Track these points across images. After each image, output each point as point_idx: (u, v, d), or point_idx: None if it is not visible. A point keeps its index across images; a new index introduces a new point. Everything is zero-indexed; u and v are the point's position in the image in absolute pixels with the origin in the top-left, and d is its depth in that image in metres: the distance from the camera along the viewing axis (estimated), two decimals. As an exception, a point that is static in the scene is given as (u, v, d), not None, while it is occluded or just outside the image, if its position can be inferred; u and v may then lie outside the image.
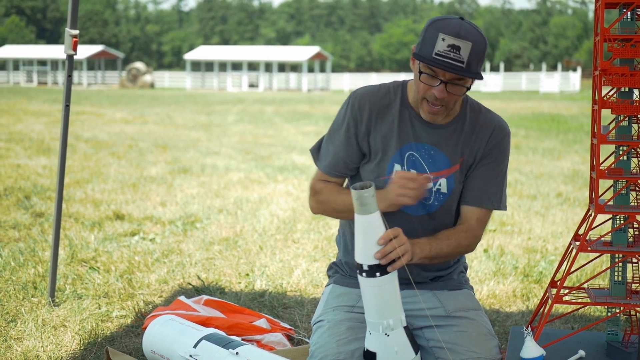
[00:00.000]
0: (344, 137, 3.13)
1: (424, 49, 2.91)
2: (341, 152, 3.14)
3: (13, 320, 4.01)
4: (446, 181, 3.12)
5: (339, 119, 3.15)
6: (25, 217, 6.79)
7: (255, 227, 6.65)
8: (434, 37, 2.88)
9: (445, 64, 2.85)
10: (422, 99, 3.01)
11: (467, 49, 2.85)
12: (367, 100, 3.12)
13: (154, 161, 11.61)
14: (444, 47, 2.85)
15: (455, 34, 2.84)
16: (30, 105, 26.62)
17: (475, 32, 2.88)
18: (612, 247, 3.07)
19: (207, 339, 3.12)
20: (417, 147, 3.11)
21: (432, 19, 2.97)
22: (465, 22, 2.90)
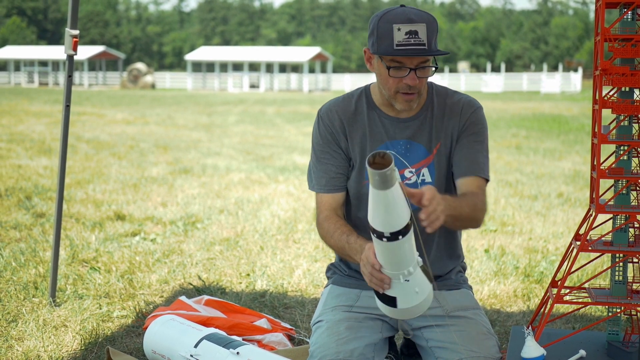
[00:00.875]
0: (328, 152, 3.19)
1: (383, 44, 2.95)
2: (332, 167, 3.20)
3: (14, 320, 4.01)
4: (428, 170, 3.18)
5: (317, 139, 3.22)
6: (26, 217, 6.80)
7: (256, 227, 6.65)
8: (388, 30, 2.92)
9: (410, 51, 2.91)
10: (395, 92, 3.05)
11: (423, 30, 2.91)
12: (334, 112, 3.18)
13: (155, 162, 11.62)
14: (402, 36, 2.90)
15: (408, 20, 2.90)
16: (31, 106, 26.64)
17: (423, 13, 2.94)
18: (613, 247, 3.07)
19: (207, 338, 3.12)
20: (392, 144, 3.16)
21: (375, 15, 3.03)
22: (407, 7, 2.97)
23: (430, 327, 3.22)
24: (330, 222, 3.14)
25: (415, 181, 3.16)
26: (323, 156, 3.20)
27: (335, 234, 3.09)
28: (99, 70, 63.05)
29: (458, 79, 57.30)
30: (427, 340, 3.22)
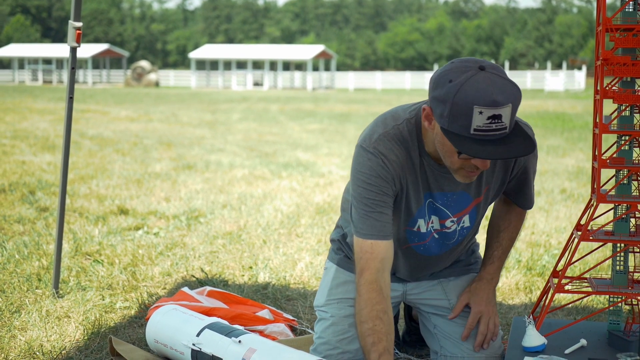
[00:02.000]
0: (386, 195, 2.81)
1: (457, 124, 2.53)
2: (388, 211, 2.84)
3: (17, 311, 4.02)
4: (469, 216, 3.04)
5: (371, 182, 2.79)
6: (30, 211, 6.81)
7: (259, 221, 6.66)
8: (467, 112, 2.49)
9: (488, 137, 2.53)
10: (458, 168, 2.71)
11: (507, 113, 2.50)
12: (396, 155, 2.79)
13: (158, 158, 11.63)
14: (483, 121, 2.48)
15: (492, 103, 2.46)
16: (35, 104, 26.67)
17: (508, 87, 2.51)
18: (614, 237, 3.07)
19: (210, 327, 3.13)
20: (438, 196, 2.93)
21: (450, 81, 2.53)
22: (490, 74, 2.52)
23: (437, 315, 3.24)
24: (369, 300, 2.77)
25: (454, 229, 3.03)
26: (378, 199, 2.80)
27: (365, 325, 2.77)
28: (103, 68, 63.11)
29: (462, 77, 57.20)
30: (435, 326, 3.24)
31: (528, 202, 3.15)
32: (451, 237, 3.06)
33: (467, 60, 2.57)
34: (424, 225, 2.98)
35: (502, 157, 2.54)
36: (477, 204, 3.00)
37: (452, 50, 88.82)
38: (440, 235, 3.04)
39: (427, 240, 3.04)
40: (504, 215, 3.21)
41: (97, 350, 3.51)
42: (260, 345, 2.95)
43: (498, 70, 2.54)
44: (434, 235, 3.03)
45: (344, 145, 14.16)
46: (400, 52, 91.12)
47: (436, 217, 2.98)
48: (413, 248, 3.07)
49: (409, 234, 3.01)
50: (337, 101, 33.99)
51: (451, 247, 3.11)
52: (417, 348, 3.62)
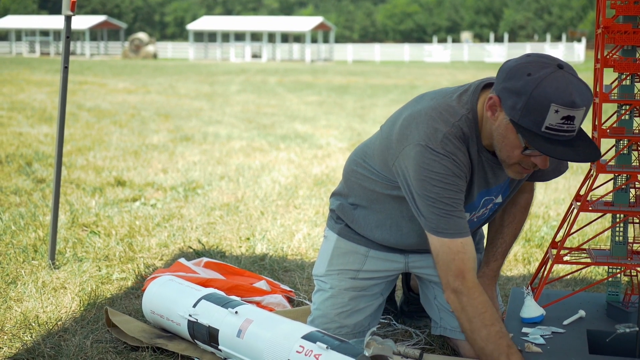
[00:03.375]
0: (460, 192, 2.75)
1: (529, 119, 2.51)
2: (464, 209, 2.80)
3: (13, 282, 4.01)
4: (501, 194, 3.01)
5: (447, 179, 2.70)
6: (27, 182, 6.78)
7: (257, 193, 6.64)
8: (544, 108, 2.46)
9: (557, 137, 2.51)
10: (513, 163, 2.70)
11: (580, 116, 2.50)
12: (462, 155, 2.73)
13: (156, 129, 11.59)
14: (557, 120, 2.47)
15: (571, 103, 2.44)
16: (32, 75, 26.57)
17: (585, 90, 2.49)
18: (614, 207, 3.05)
19: (206, 298, 3.11)
20: (495, 190, 2.93)
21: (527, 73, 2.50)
22: (568, 73, 2.49)
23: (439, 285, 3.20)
24: (485, 301, 2.70)
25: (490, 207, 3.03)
26: (459, 196, 2.74)
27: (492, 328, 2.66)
28: (101, 40, 62.82)
29: (461, 49, 57.08)
30: (435, 296, 3.23)
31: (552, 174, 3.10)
32: (484, 215, 3.06)
33: (544, 56, 2.53)
34: (468, 216, 2.95)
35: (571, 159, 2.53)
36: (511, 181, 2.98)
37: (451, 22, 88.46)
38: (479, 218, 3.04)
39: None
40: (509, 208, 3.16)
41: (93, 322, 3.49)
42: (257, 316, 2.93)
43: (574, 72, 2.51)
44: (473, 219, 3.01)
45: (342, 117, 14.12)
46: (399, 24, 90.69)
47: (484, 208, 2.99)
48: None
49: None
50: (336, 73, 33.88)
51: (481, 221, 3.11)
52: (414, 319, 3.61)
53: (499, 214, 3.18)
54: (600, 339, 2.93)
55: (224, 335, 2.93)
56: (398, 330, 3.50)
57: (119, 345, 3.23)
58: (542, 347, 2.77)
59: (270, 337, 2.79)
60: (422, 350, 3.21)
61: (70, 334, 3.33)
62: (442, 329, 3.19)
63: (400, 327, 3.52)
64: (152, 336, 3.25)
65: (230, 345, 2.91)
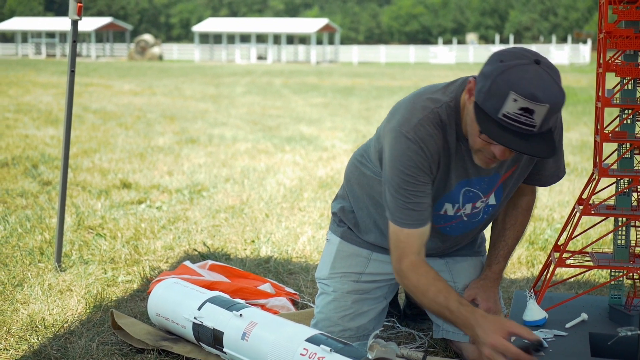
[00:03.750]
0: (424, 184, 2.77)
1: (489, 104, 2.49)
2: (426, 199, 2.80)
3: (20, 284, 4.04)
4: (494, 194, 3.00)
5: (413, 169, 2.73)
6: (33, 185, 6.82)
7: (262, 195, 6.66)
8: (503, 94, 2.45)
9: (513, 128, 2.48)
10: (477, 150, 2.71)
11: (542, 112, 2.44)
12: (434, 142, 2.74)
13: (161, 131, 11.62)
14: (514, 109, 2.44)
15: (531, 95, 2.41)
16: (38, 77, 26.63)
17: (553, 88, 2.45)
18: (616, 211, 3.07)
19: (211, 301, 3.14)
20: (476, 181, 2.90)
21: (500, 60, 2.52)
22: (541, 69, 2.46)
23: None
24: (420, 275, 2.76)
25: (481, 208, 3.01)
26: (417, 188, 2.76)
27: (429, 293, 2.74)
28: (106, 42, 62.93)
29: (466, 50, 57.04)
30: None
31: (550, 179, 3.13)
32: (477, 216, 3.05)
33: (528, 51, 2.54)
34: (451, 210, 2.96)
35: (517, 149, 2.49)
36: (504, 182, 2.97)
37: (456, 24, 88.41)
38: (469, 217, 3.04)
39: (454, 222, 3.03)
40: (511, 211, 3.17)
41: (99, 324, 3.52)
42: (261, 318, 2.95)
43: (552, 70, 2.49)
44: (463, 218, 3.02)
45: (348, 119, 14.14)
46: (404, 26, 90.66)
47: (470, 204, 2.96)
48: (439, 229, 3.05)
49: (435, 217, 2.97)
50: (341, 75, 33.89)
51: (477, 225, 3.11)
52: (418, 322, 3.62)
53: (501, 216, 3.19)
54: (602, 342, 2.94)
55: (229, 337, 2.96)
56: (401, 333, 3.52)
57: (125, 348, 3.26)
58: (544, 350, 2.78)
59: (274, 340, 2.81)
60: (425, 353, 3.22)
61: (77, 336, 3.36)
62: (444, 331, 3.20)
63: (403, 329, 3.54)
64: (157, 339, 3.27)
65: (235, 348, 2.93)
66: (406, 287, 2.83)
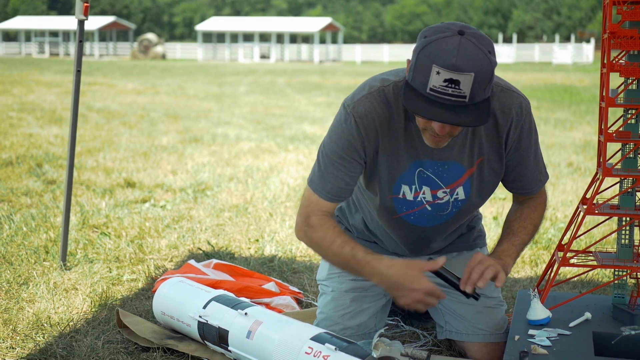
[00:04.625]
0: (348, 160, 2.79)
1: (417, 81, 2.48)
2: (346, 176, 2.82)
3: (25, 283, 4.05)
4: (463, 188, 2.95)
5: (340, 140, 2.77)
6: (37, 184, 6.84)
7: (266, 194, 6.68)
8: (427, 68, 2.43)
9: (442, 100, 2.45)
10: (422, 129, 2.68)
11: (468, 81, 2.41)
12: (372, 119, 2.74)
13: (165, 131, 11.64)
14: (439, 82, 2.41)
15: (452, 66, 2.39)
16: (42, 76, 26.66)
17: (477, 56, 2.42)
18: (620, 211, 3.08)
19: (216, 300, 3.15)
20: (428, 164, 2.86)
21: (424, 37, 2.49)
22: (465, 39, 2.42)
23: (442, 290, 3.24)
24: (327, 229, 2.82)
25: (447, 200, 2.96)
26: (340, 162, 2.78)
27: (334, 245, 2.79)
28: (110, 41, 62.96)
29: (469, 49, 56.92)
30: (440, 301, 3.24)
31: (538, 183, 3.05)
32: (444, 208, 2.98)
33: (453, 24, 2.50)
34: (409, 193, 2.91)
35: (443, 120, 2.46)
36: (471, 175, 2.92)
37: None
38: (432, 207, 2.97)
39: (417, 209, 2.97)
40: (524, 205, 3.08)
41: (105, 322, 3.53)
42: (266, 317, 2.97)
43: (479, 39, 2.45)
44: (426, 206, 2.96)
45: (351, 119, 14.11)
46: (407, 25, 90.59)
47: (427, 187, 2.91)
48: (403, 218, 3.01)
49: (396, 202, 2.95)
50: (344, 74, 33.89)
51: (446, 218, 3.03)
52: (422, 320, 3.64)
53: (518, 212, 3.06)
54: (606, 341, 2.95)
55: (234, 336, 2.97)
56: (405, 332, 3.53)
57: (130, 346, 3.27)
58: (548, 349, 2.79)
59: (279, 339, 2.83)
60: (430, 351, 3.24)
61: (82, 335, 3.37)
62: (448, 332, 3.22)
63: (407, 328, 3.55)
64: (162, 337, 3.29)
65: (240, 346, 2.95)
66: (312, 241, 2.88)
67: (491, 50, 2.48)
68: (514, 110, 2.83)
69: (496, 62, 2.49)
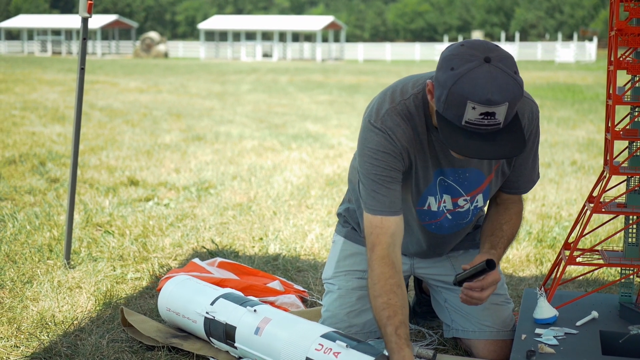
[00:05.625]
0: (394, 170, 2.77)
1: (451, 113, 2.50)
2: (397, 187, 2.80)
3: (29, 282, 4.04)
4: (482, 195, 2.98)
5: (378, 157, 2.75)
6: (41, 182, 6.83)
7: (269, 193, 6.67)
8: (461, 104, 2.45)
9: (479, 130, 2.49)
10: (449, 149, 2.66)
11: (503, 111, 2.44)
12: (402, 132, 2.74)
13: (168, 129, 11.63)
14: (475, 116, 2.45)
15: (487, 101, 2.41)
16: (44, 75, 26.66)
17: (508, 84, 2.44)
18: (626, 209, 3.06)
19: (224, 297, 3.15)
20: (450, 172, 2.88)
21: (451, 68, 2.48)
22: (493, 67, 2.44)
23: (448, 289, 3.24)
24: (383, 274, 2.74)
25: (467, 208, 2.99)
26: (387, 175, 2.76)
27: (379, 300, 2.73)
28: (112, 39, 62.98)
29: (472, 48, 56.87)
30: (445, 299, 3.24)
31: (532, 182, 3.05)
32: (464, 217, 3.02)
33: (475, 47, 2.50)
34: (434, 204, 2.94)
35: (486, 157, 2.51)
36: (490, 182, 2.95)
37: (462, 21, 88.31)
38: (453, 215, 2.99)
39: (440, 219, 3.00)
40: (502, 212, 3.05)
41: (109, 321, 3.52)
42: (276, 315, 2.96)
43: (505, 63, 2.46)
44: (447, 215, 2.99)
45: (354, 117, 14.13)
46: (409, 23, 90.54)
47: (448, 195, 2.92)
48: (425, 227, 3.04)
49: (420, 214, 2.97)
50: (347, 72, 33.88)
51: (464, 226, 3.09)
52: (427, 319, 3.63)
53: (493, 215, 3.06)
54: (613, 340, 2.94)
55: (242, 332, 2.96)
56: (411, 331, 3.52)
57: (135, 345, 3.26)
58: (555, 348, 2.78)
59: (288, 335, 2.82)
60: (436, 350, 3.22)
61: (87, 333, 3.36)
62: (454, 330, 3.20)
63: (413, 327, 3.54)
64: (167, 336, 3.28)
65: (247, 343, 2.93)
66: (369, 276, 2.79)
67: (516, 70, 2.49)
68: (526, 116, 2.83)
69: (522, 80, 2.50)
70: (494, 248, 2.92)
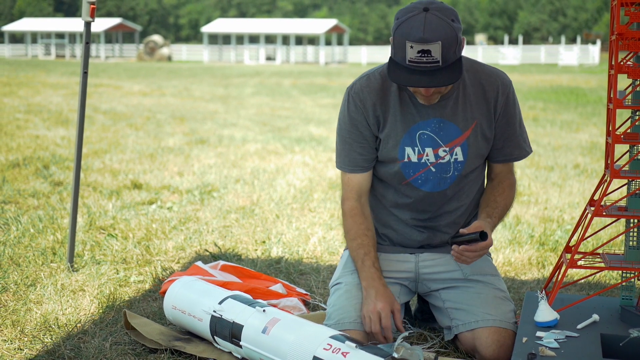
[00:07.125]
0: (355, 133, 3.18)
1: (398, 55, 2.91)
2: (358, 147, 3.20)
3: (33, 285, 4.06)
4: (461, 148, 3.17)
5: (345, 119, 3.21)
6: (44, 185, 6.85)
7: (272, 196, 6.68)
8: (402, 44, 2.86)
9: (420, 68, 2.86)
10: (414, 92, 3.06)
11: (437, 48, 2.82)
12: (366, 93, 3.15)
13: (171, 132, 11.65)
14: (414, 54, 2.83)
15: (420, 39, 2.80)
16: (48, 78, 26.71)
17: (441, 27, 2.82)
18: (627, 212, 3.07)
19: (233, 297, 3.17)
20: (425, 124, 3.14)
21: (397, 18, 2.91)
22: (429, 14, 2.83)
23: (448, 288, 3.26)
24: (354, 222, 3.20)
25: (448, 160, 3.18)
26: (350, 136, 3.19)
27: (354, 242, 3.18)
28: (116, 43, 63.08)
29: (475, 51, 56.95)
30: (444, 301, 3.25)
31: (522, 150, 3.29)
32: (447, 170, 3.19)
33: (420, 2, 2.88)
34: (413, 155, 3.17)
35: (420, 85, 2.87)
36: (467, 138, 3.16)
37: (465, 24, 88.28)
38: (436, 167, 3.19)
39: (422, 172, 3.19)
40: (497, 185, 3.29)
41: (112, 324, 3.54)
42: (284, 316, 2.97)
43: (442, 12, 2.84)
44: (430, 168, 3.19)
45: (357, 120, 14.12)
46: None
47: (430, 148, 3.16)
48: (411, 183, 3.22)
49: (403, 167, 3.19)
50: (350, 75, 33.89)
51: (450, 182, 3.21)
52: (429, 322, 3.63)
53: (488, 190, 3.30)
54: (614, 343, 2.94)
55: (248, 331, 2.97)
56: (413, 334, 3.53)
57: (138, 348, 3.28)
58: (556, 351, 2.79)
59: (296, 335, 2.83)
60: (437, 353, 3.23)
61: (90, 336, 3.38)
62: (456, 327, 3.19)
63: (415, 330, 3.55)
64: (170, 338, 3.29)
65: (254, 342, 2.94)
66: (343, 226, 3.25)
67: (454, 18, 2.87)
68: (499, 81, 3.18)
69: (459, 26, 2.89)
70: (489, 217, 3.18)
